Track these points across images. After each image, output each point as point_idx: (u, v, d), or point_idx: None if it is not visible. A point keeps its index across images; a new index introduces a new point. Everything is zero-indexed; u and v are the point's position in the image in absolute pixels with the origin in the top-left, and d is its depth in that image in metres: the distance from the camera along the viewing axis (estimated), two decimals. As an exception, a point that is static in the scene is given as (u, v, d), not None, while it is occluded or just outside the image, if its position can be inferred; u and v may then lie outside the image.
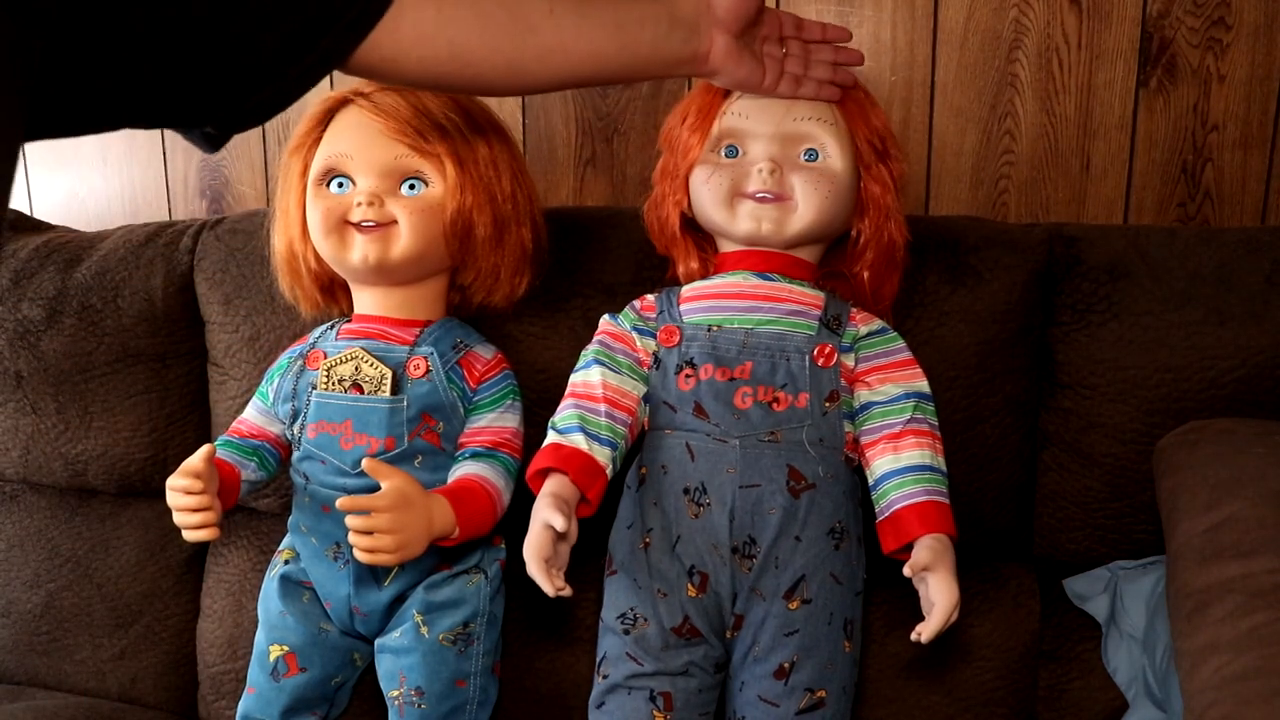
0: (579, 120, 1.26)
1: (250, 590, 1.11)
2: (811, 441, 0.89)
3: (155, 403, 1.16)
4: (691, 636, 0.90)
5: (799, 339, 0.90)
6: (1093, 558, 0.99)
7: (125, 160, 1.46)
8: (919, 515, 0.87)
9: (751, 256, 0.94)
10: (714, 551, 0.89)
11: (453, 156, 0.95)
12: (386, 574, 0.97)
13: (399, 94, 0.95)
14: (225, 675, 1.12)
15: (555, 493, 0.84)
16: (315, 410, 0.97)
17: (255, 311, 1.11)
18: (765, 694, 0.90)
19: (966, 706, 0.98)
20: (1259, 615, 0.73)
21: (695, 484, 0.89)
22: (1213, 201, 1.13)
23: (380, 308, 1.00)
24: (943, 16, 1.14)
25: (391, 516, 0.84)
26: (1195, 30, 1.09)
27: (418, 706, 0.96)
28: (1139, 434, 0.95)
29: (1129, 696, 0.94)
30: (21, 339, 1.17)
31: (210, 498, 0.88)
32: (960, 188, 1.17)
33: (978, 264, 0.98)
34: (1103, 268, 0.97)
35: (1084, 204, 1.15)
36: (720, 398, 0.89)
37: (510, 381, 1.01)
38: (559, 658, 1.04)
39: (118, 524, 1.20)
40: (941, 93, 1.16)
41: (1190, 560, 0.81)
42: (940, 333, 0.98)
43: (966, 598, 0.96)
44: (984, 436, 0.98)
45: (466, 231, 0.97)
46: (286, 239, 1.02)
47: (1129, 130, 1.13)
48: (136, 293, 1.16)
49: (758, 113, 0.92)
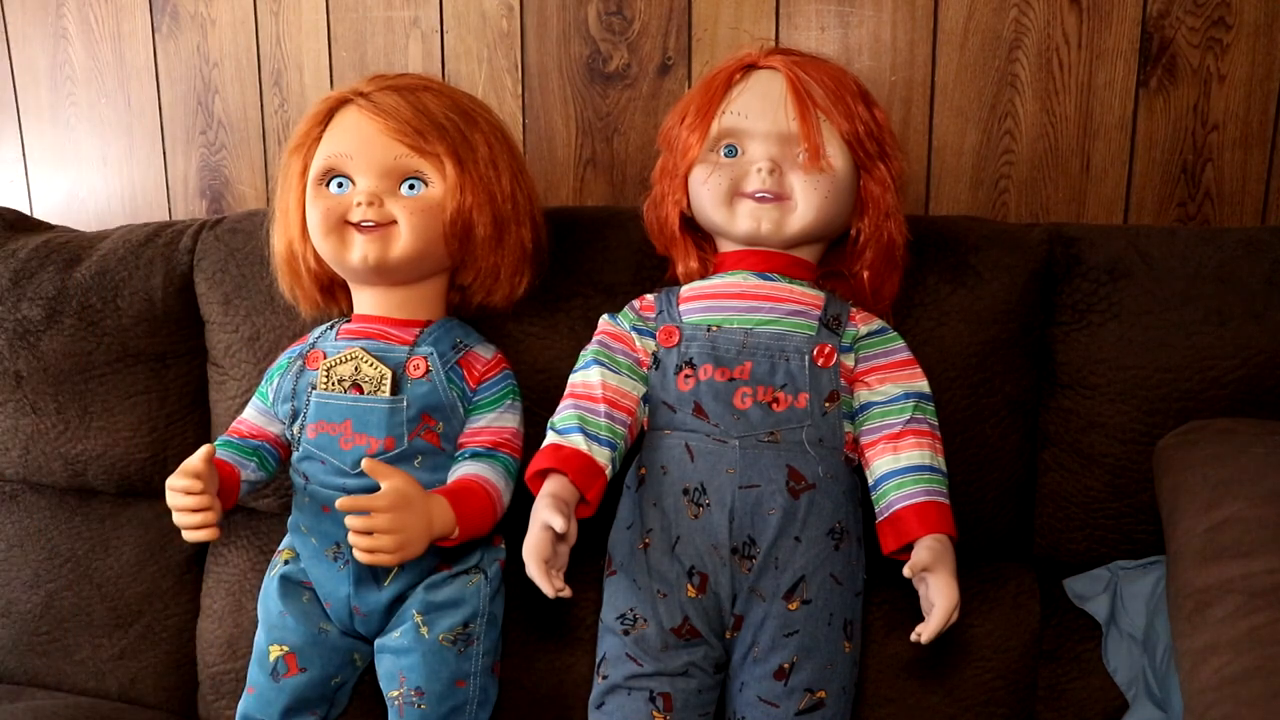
0: (579, 120, 1.26)
1: (250, 590, 1.11)
2: (811, 442, 0.89)
3: (155, 403, 1.16)
4: (691, 637, 0.90)
5: (799, 339, 0.90)
6: (1093, 558, 0.99)
7: (125, 160, 1.46)
8: (919, 515, 0.87)
9: (751, 256, 0.94)
10: (713, 552, 0.89)
11: (452, 156, 0.95)
12: (386, 574, 0.97)
13: (399, 94, 0.95)
14: (225, 675, 1.12)
15: (554, 493, 0.84)
16: (315, 410, 0.97)
17: (255, 311, 1.11)
18: (765, 694, 0.90)
19: (966, 706, 0.98)
20: (1259, 615, 0.73)
21: (695, 484, 0.89)
22: (1213, 201, 1.13)
23: (380, 308, 1.00)
24: (943, 16, 1.14)
25: (391, 517, 0.84)
26: (1195, 30, 1.09)
27: (418, 707, 0.96)
28: (1139, 434, 0.95)
29: (1129, 696, 0.94)
30: (21, 339, 1.17)
31: (210, 498, 0.88)
32: (960, 188, 1.17)
33: (978, 264, 0.98)
34: (1103, 268, 0.97)
35: (1084, 204, 1.15)
36: (720, 398, 0.89)
37: (510, 381, 1.01)
38: (559, 658, 1.04)
39: (118, 524, 1.20)
40: (941, 93, 1.16)
41: (1190, 560, 0.81)
42: (940, 333, 0.98)
43: (966, 598, 0.96)
44: (984, 436, 0.98)
45: (466, 231, 0.97)
46: (286, 239, 1.02)
47: (1129, 130, 1.13)
48: (136, 292, 1.16)
49: (757, 112, 0.92)
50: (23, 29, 1.47)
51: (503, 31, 1.26)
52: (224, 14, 1.36)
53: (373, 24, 1.30)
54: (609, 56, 1.23)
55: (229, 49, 1.37)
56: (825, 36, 1.17)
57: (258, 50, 1.35)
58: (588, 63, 1.24)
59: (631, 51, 1.22)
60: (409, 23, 1.29)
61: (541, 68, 1.25)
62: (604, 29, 1.22)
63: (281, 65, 1.34)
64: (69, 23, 1.44)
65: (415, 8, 1.28)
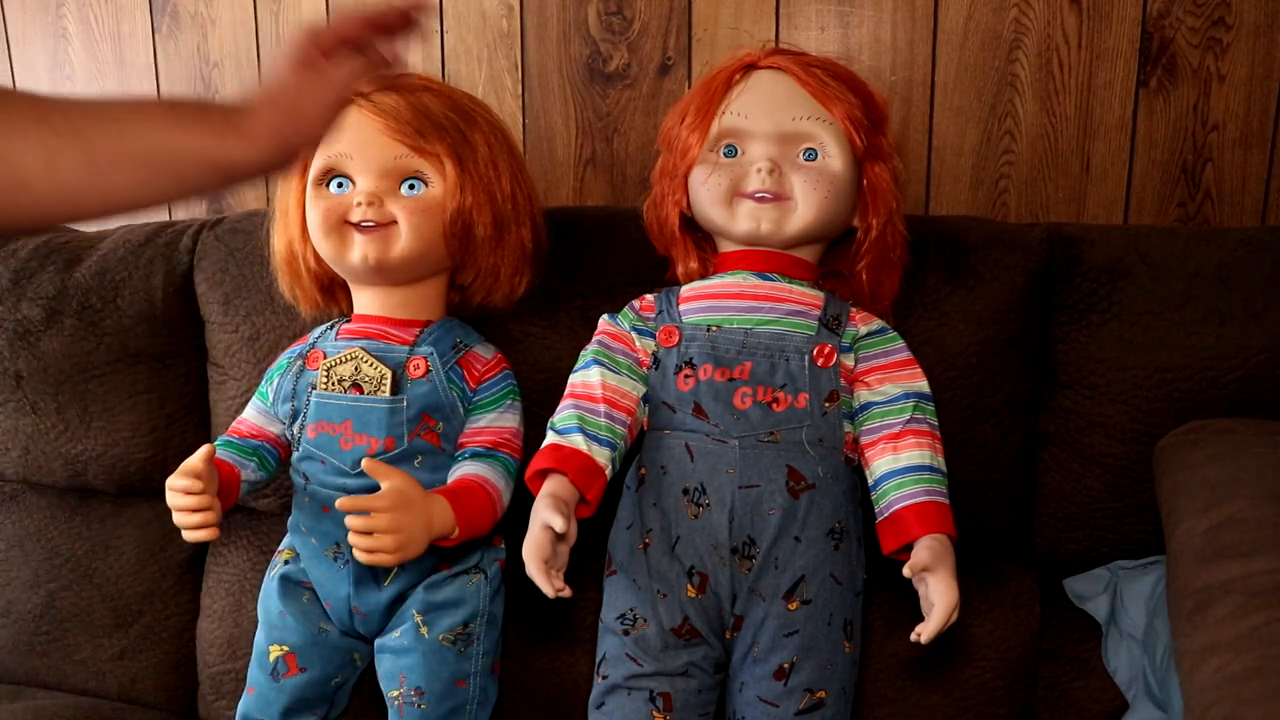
0: (579, 120, 1.26)
1: (250, 590, 1.11)
2: (811, 442, 0.89)
3: (155, 403, 1.16)
4: (691, 637, 0.90)
5: (798, 339, 0.90)
6: (1093, 558, 0.99)
7: (125, 160, 1.46)
8: (918, 515, 0.87)
9: (751, 256, 0.94)
10: (713, 552, 0.89)
11: (452, 156, 0.95)
12: (386, 574, 0.97)
13: (399, 94, 0.95)
14: (225, 675, 1.12)
15: (554, 493, 0.84)
16: (315, 410, 0.97)
17: (255, 311, 1.11)
18: (765, 694, 0.90)
19: (966, 706, 0.98)
20: (1259, 615, 0.73)
21: (694, 484, 0.89)
22: (1213, 201, 1.13)
23: (380, 308, 1.00)
24: (943, 16, 1.14)
25: (391, 517, 0.84)
26: (1195, 30, 1.09)
27: (418, 706, 0.96)
28: (1139, 434, 0.95)
29: (1129, 696, 0.94)
30: (21, 339, 1.17)
31: (210, 498, 0.88)
32: (960, 188, 1.17)
33: (978, 264, 0.98)
34: (1103, 268, 0.97)
35: (1084, 204, 1.15)
36: (719, 398, 0.89)
37: (510, 381, 1.01)
38: (559, 658, 1.04)
39: (118, 524, 1.20)
40: (941, 93, 1.16)
41: (1190, 560, 0.81)
42: (940, 333, 0.98)
43: (966, 598, 0.96)
44: (984, 436, 0.98)
45: (466, 231, 0.97)
46: (286, 239, 1.02)
47: (1129, 130, 1.13)
48: (136, 292, 1.16)
49: (757, 112, 0.92)
50: (23, 29, 1.47)
51: (503, 31, 1.26)
52: (224, 14, 1.36)
53: (373, 24, 1.30)
54: (609, 56, 1.23)
55: (229, 49, 1.37)
56: (825, 36, 1.17)
57: (258, 50, 1.35)
58: (588, 63, 1.24)
59: (631, 51, 1.22)
60: (409, 23, 1.29)
61: (541, 68, 1.25)
62: (604, 29, 1.22)
63: (281, 65, 1.34)
64: (69, 23, 1.44)
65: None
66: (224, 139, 0.67)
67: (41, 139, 0.63)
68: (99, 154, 0.64)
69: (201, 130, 0.67)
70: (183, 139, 0.66)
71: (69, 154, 0.64)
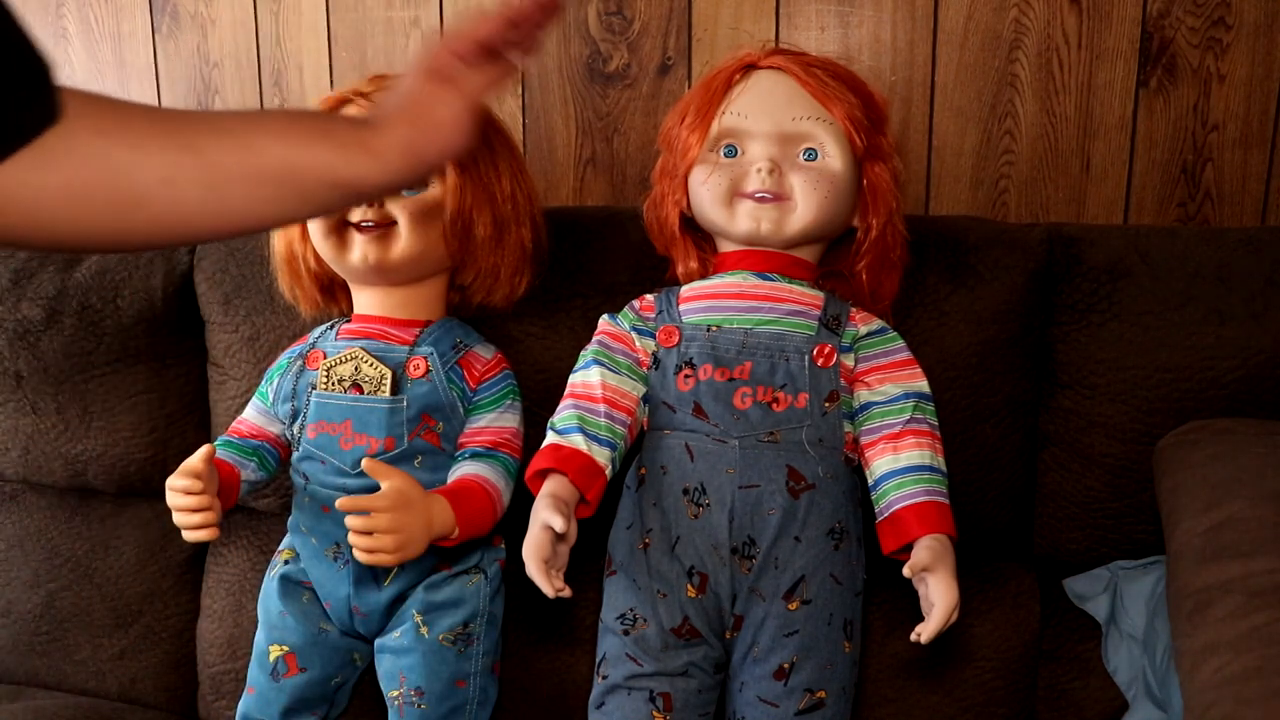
0: (579, 120, 1.26)
1: (250, 590, 1.11)
2: (811, 442, 0.89)
3: (155, 403, 1.16)
4: (691, 637, 0.90)
5: (798, 339, 0.90)
6: (1093, 558, 0.99)
7: (125, 160, 1.46)
8: (918, 516, 0.87)
9: (751, 256, 0.94)
10: (713, 552, 0.89)
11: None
12: (386, 574, 0.97)
13: (399, 94, 0.95)
14: (225, 675, 1.12)
15: (554, 493, 0.84)
16: (315, 410, 0.97)
17: (255, 311, 1.11)
18: (765, 694, 0.90)
19: (966, 706, 0.98)
20: (1259, 615, 0.73)
21: (694, 484, 0.89)
22: (1213, 201, 1.13)
23: (380, 308, 1.00)
24: (943, 16, 1.14)
25: (391, 517, 0.84)
26: (1195, 30, 1.09)
27: (418, 706, 0.96)
28: (1139, 434, 0.95)
29: (1129, 696, 0.94)
30: (21, 339, 1.17)
31: (210, 498, 0.88)
32: (960, 188, 1.17)
33: (978, 264, 0.98)
34: (1103, 268, 0.97)
35: (1084, 204, 1.15)
36: (719, 398, 0.89)
37: (510, 381, 1.01)
38: (559, 658, 1.04)
39: (118, 524, 1.20)
40: (941, 93, 1.16)
41: (1190, 560, 0.81)
42: (940, 333, 0.98)
43: (966, 598, 0.96)
44: (984, 436, 0.98)
45: (466, 231, 0.97)
46: (286, 239, 1.02)
47: (1129, 130, 1.13)
48: (136, 293, 1.16)
49: (757, 112, 0.92)
50: (23, 29, 1.47)
51: (503, 31, 1.25)
52: (224, 14, 1.36)
53: (373, 24, 1.30)
54: (609, 56, 1.23)
55: (229, 49, 1.37)
56: (825, 36, 1.17)
57: (258, 50, 1.35)
58: (588, 63, 1.24)
59: (631, 51, 1.22)
60: (409, 23, 1.29)
61: (541, 68, 1.25)
62: (604, 29, 1.22)
63: (281, 65, 1.34)
64: (69, 23, 1.44)
65: (415, 8, 1.28)
66: (351, 156, 0.63)
67: (161, 152, 0.59)
68: (218, 171, 0.60)
69: (327, 147, 0.63)
70: (307, 156, 0.62)
71: (188, 170, 0.59)
